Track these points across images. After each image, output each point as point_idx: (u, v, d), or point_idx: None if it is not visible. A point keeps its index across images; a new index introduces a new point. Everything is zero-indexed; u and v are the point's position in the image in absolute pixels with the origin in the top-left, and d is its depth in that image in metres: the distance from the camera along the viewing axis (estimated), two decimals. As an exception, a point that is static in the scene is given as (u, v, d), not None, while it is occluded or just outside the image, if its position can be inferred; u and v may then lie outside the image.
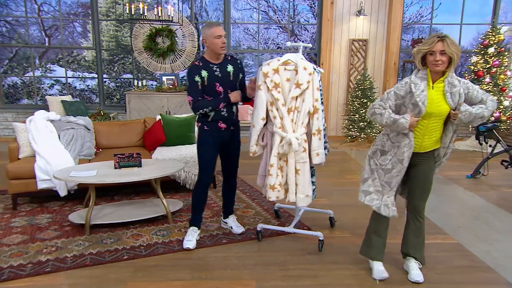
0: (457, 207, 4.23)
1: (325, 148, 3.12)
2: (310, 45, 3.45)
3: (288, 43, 3.25)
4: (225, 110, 3.10)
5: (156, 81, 8.47)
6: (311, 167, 3.14)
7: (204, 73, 3.01)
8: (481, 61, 7.00)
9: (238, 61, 3.20)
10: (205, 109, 3.04)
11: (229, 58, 3.15)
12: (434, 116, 2.52)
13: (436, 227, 3.66)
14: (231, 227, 3.46)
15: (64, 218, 3.73)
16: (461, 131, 7.86)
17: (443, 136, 2.65)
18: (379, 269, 2.75)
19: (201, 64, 3.05)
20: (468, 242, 3.34)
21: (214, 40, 2.96)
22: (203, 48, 11.86)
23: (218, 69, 3.06)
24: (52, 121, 4.52)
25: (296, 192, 3.06)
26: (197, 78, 3.01)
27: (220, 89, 3.07)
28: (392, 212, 2.68)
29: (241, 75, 3.21)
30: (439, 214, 3.98)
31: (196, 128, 3.24)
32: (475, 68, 7.05)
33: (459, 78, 2.55)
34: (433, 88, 2.51)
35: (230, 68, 3.11)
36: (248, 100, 3.32)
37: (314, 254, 3.09)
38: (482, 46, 7.04)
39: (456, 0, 7.97)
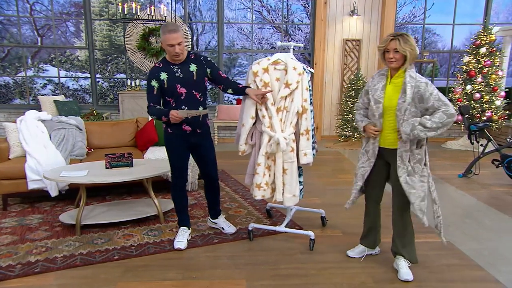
0: (448, 206, 4.26)
1: (313, 148, 3.12)
2: (301, 44, 3.45)
3: (279, 43, 3.25)
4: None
5: (149, 81, 8.42)
6: (299, 167, 3.14)
7: (163, 76, 2.91)
8: (473, 61, 7.04)
9: (202, 58, 3.04)
10: (153, 117, 2.99)
11: (192, 57, 3.00)
12: (388, 110, 2.60)
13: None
14: (223, 227, 3.43)
15: (55, 219, 3.71)
16: (453, 131, 7.91)
17: None
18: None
19: (161, 65, 2.95)
20: (459, 241, 3.35)
21: (167, 48, 2.83)
22: (197, 47, 11.83)
23: (179, 70, 2.94)
24: (43, 121, 4.49)
25: (283, 192, 3.07)
26: (153, 83, 2.93)
27: (182, 90, 2.94)
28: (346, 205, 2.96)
29: (209, 70, 3.03)
30: (430, 213, 3.98)
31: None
32: (467, 68, 7.09)
33: (416, 76, 2.52)
34: (389, 83, 2.61)
35: (193, 67, 2.97)
36: (243, 93, 3.09)
37: (305, 253, 3.09)
38: (474, 46, 7.09)
39: (448, 0, 8.01)
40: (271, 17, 11.66)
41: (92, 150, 4.76)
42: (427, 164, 2.70)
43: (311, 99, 3.02)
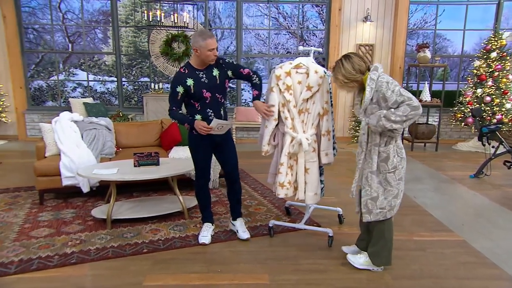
0: (460, 205, 4.17)
1: (333, 148, 3.09)
2: (320, 49, 3.43)
3: (300, 47, 3.23)
4: (212, 114, 2.95)
5: (172, 84, 8.49)
6: (320, 167, 3.12)
7: (190, 82, 2.88)
8: (484, 65, 6.90)
9: (221, 61, 2.98)
10: (174, 120, 3.01)
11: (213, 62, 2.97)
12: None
13: (441, 224, 3.61)
14: (237, 230, 3.27)
15: (87, 213, 3.77)
16: (463, 133, 7.76)
17: None
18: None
19: (187, 71, 2.90)
20: (472, 239, 3.28)
21: (207, 52, 2.79)
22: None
23: (204, 75, 2.91)
24: (75, 121, 4.56)
25: (305, 190, 3.04)
26: (178, 89, 2.88)
27: (208, 94, 2.92)
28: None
29: (230, 72, 2.99)
30: (443, 212, 3.92)
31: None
32: (478, 72, 6.95)
33: (376, 77, 2.47)
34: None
35: (215, 72, 2.95)
36: (258, 98, 3.06)
37: (324, 250, 3.07)
38: (484, 51, 6.95)
39: (459, 7, 7.85)
40: (287, 23, 11.61)
41: (120, 149, 4.81)
42: (397, 169, 2.55)
43: (331, 101, 3.00)
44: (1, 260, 2.84)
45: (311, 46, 10.13)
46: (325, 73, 2.95)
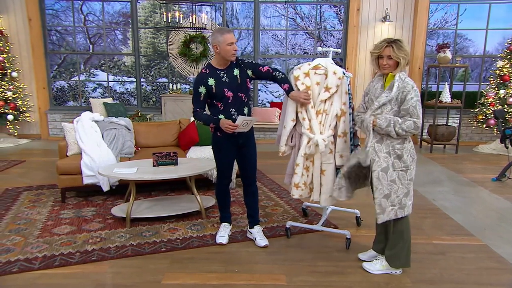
0: (482, 209, 4.07)
1: (352, 151, 3.04)
2: (339, 50, 3.40)
3: (320, 48, 3.21)
4: (236, 114, 2.95)
5: (189, 84, 8.57)
6: (337, 169, 3.09)
7: (211, 81, 2.89)
8: (507, 66, 6.72)
9: (240, 62, 2.99)
10: (199, 122, 3.01)
11: (234, 62, 2.97)
12: None
13: (461, 228, 3.54)
14: (255, 238, 3.20)
15: (107, 211, 3.83)
16: (485, 135, 7.57)
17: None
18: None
19: (208, 71, 2.92)
20: (495, 244, 3.20)
21: (226, 47, 2.82)
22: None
23: (225, 75, 2.92)
24: (96, 121, 4.65)
25: (320, 192, 3.02)
26: (201, 89, 2.90)
27: (229, 94, 2.92)
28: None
29: (250, 72, 2.99)
30: (464, 216, 3.84)
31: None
32: (501, 72, 6.77)
33: (404, 78, 2.50)
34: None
35: (236, 71, 2.95)
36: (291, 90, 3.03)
37: (341, 252, 3.04)
38: (508, 51, 6.76)
39: (481, 6, 7.67)
40: (304, 23, 11.55)
41: (140, 149, 4.88)
42: (409, 168, 2.56)
43: (350, 103, 2.97)
44: (26, 256, 2.92)
45: (329, 46, 10.04)
46: (344, 74, 2.92)
